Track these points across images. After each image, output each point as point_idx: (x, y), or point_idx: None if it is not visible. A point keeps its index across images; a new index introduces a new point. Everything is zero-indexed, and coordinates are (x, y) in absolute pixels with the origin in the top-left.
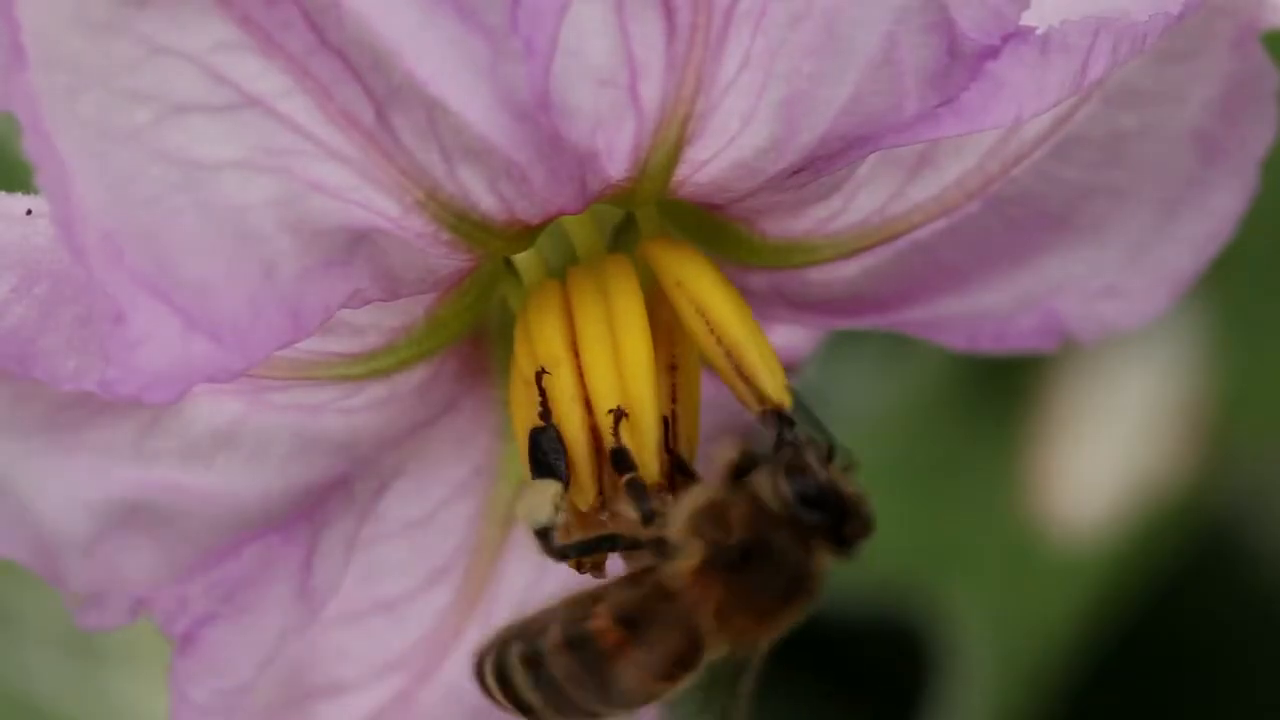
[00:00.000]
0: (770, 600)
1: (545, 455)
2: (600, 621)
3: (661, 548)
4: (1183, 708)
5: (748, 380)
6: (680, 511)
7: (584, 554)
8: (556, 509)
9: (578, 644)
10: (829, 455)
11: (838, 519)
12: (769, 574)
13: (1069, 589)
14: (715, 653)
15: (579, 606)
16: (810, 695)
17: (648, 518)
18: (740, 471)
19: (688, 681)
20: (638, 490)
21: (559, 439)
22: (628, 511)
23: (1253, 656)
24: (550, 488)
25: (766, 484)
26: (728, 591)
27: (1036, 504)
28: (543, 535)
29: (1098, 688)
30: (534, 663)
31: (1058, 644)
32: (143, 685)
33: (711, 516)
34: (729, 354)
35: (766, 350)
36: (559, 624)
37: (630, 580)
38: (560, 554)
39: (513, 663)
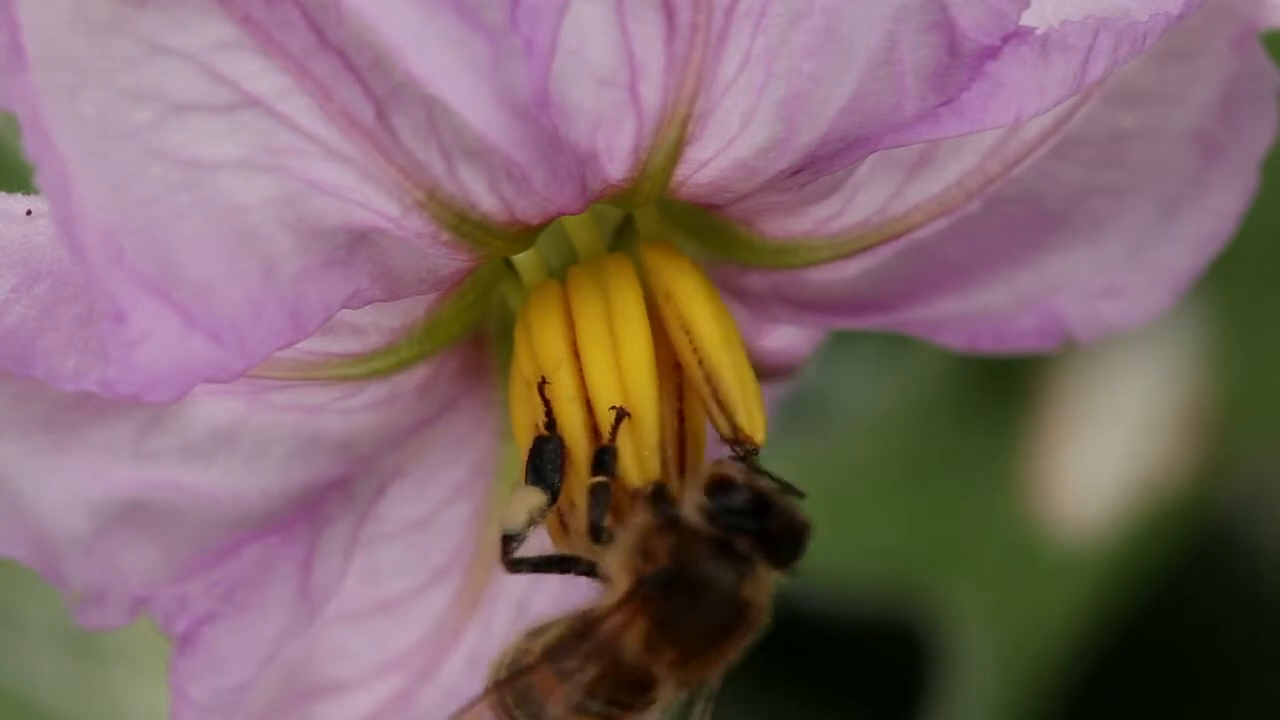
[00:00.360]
0: (704, 632)
1: (543, 463)
2: (531, 657)
3: (601, 575)
4: (1183, 708)
5: (722, 407)
6: (619, 543)
7: (536, 571)
8: (531, 521)
9: (516, 675)
10: (757, 471)
11: (766, 527)
12: (697, 603)
13: (1069, 589)
14: (664, 695)
15: (527, 640)
16: (810, 695)
17: (595, 533)
18: (660, 496)
19: None
20: (599, 498)
21: (561, 450)
22: (578, 521)
23: (1253, 656)
24: (535, 498)
25: (691, 504)
26: (654, 623)
27: (1036, 504)
28: (506, 542)
29: (1098, 687)
30: (499, 690)
31: (1058, 644)
32: (143, 685)
33: (639, 548)
34: (708, 378)
35: (747, 378)
36: (510, 655)
37: (577, 615)
38: (513, 566)
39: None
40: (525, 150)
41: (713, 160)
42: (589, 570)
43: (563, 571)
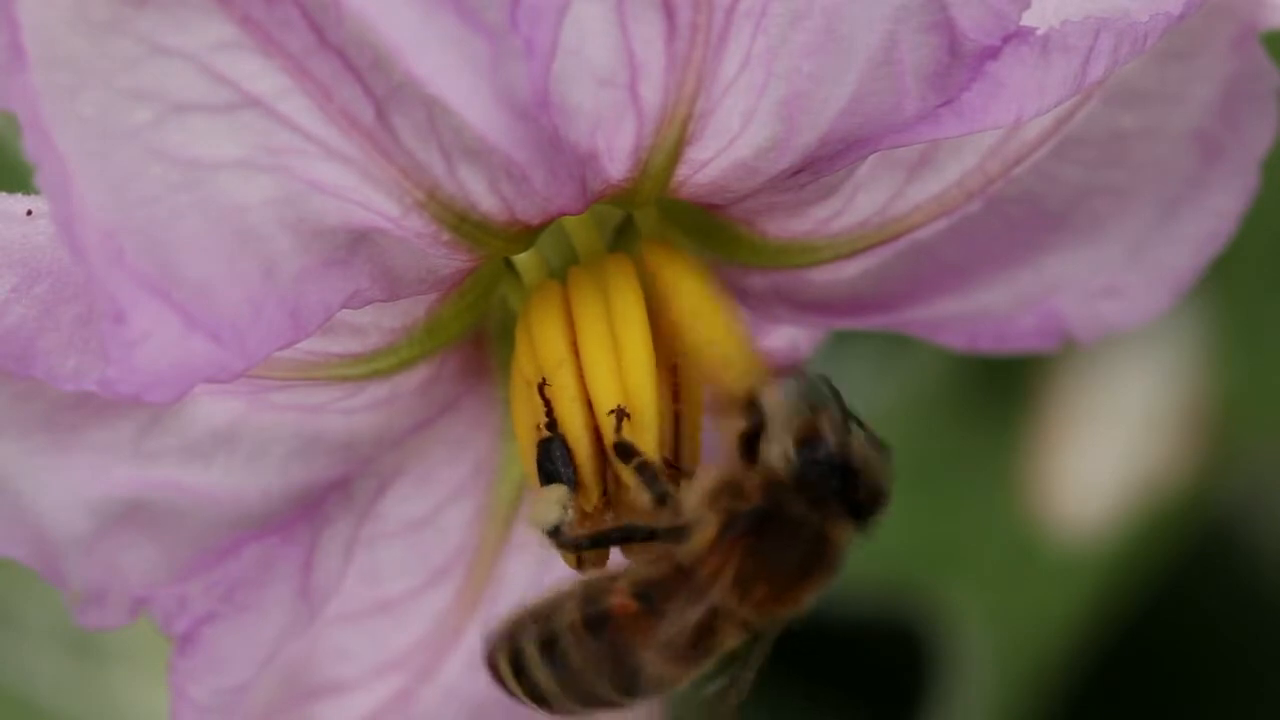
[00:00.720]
0: (789, 570)
1: (552, 463)
2: (619, 598)
3: (677, 532)
4: (1183, 707)
5: (724, 404)
6: (694, 491)
7: (598, 545)
8: (565, 509)
9: (596, 623)
10: (846, 425)
11: (849, 488)
12: (786, 542)
13: (1069, 589)
14: (732, 638)
15: (597, 586)
16: (810, 695)
17: (660, 499)
18: (750, 440)
19: (703, 668)
20: (648, 473)
21: (565, 447)
22: (640, 498)
23: (1253, 656)
24: (556, 491)
25: (777, 452)
26: (746, 559)
27: (1036, 503)
28: (554, 533)
29: (1098, 687)
30: (550, 646)
31: (1058, 644)
32: (143, 685)
33: (727, 489)
34: (709, 375)
35: (750, 371)
36: (576, 603)
37: (648, 562)
38: (574, 545)
39: (528, 648)
40: (525, 150)
41: (713, 160)
42: (649, 535)
43: (626, 540)
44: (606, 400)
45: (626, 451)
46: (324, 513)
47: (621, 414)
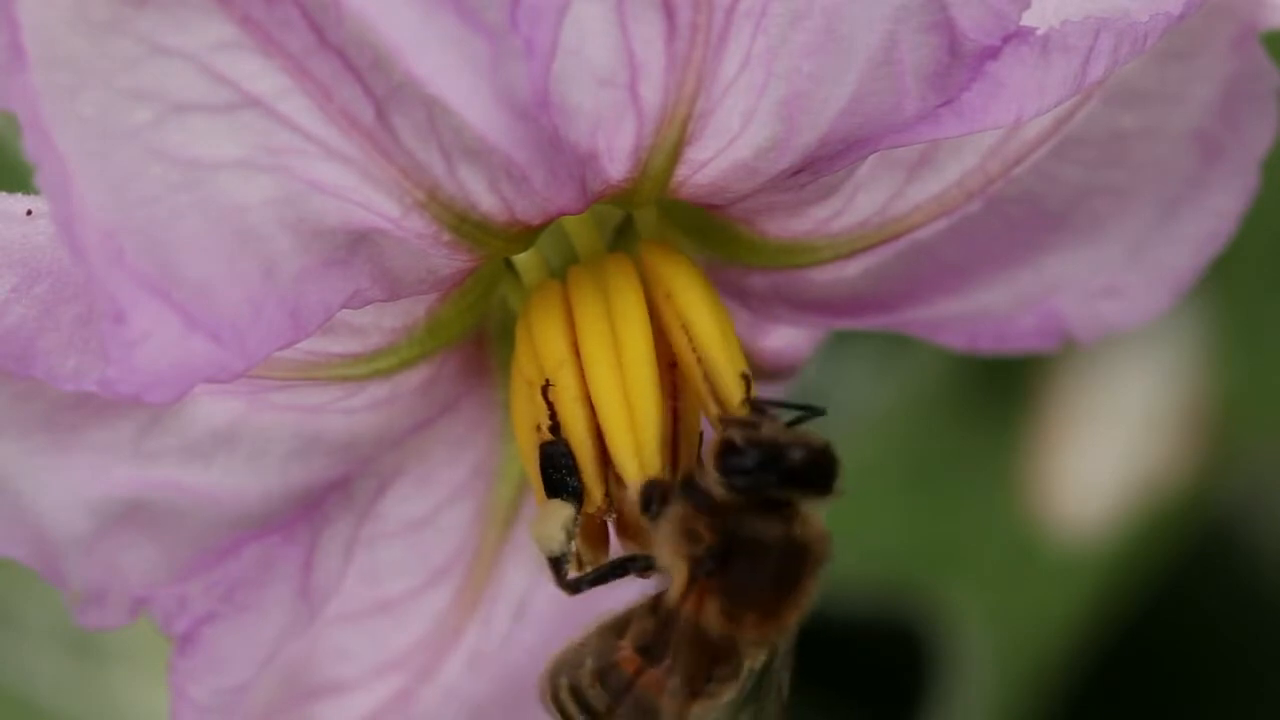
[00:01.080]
0: (772, 588)
1: (557, 472)
2: (624, 653)
3: (660, 567)
4: (1183, 707)
5: (719, 404)
6: (662, 536)
7: (597, 584)
8: (569, 535)
9: (607, 675)
10: (753, 420)
11: (786, 470)
12: (756, 565)
13: (1069, 588)
14: (749, 658)
15: (609, 637)
16: (810, 695)
17: (647, 506)
18: (691, 484)
19: (730, 692)
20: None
21: (569, 452)
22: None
23: (1253, 656)
24: (563, 511)
25: (711, 481)
26: (725, 595)
27: (1036, 503)
28: (555, 565)
29: (1098, 687)
30: (577, 693)
31: (1058, 644)
32: (143, 685)
33: (683, 533)
34: (707, 376)
35: (743, 375)
36: (592, 656)
37: (649, 607)
38: (573, 588)
39: (563, 695)
40: (525, 150)
41: (713, 160)
42: (648, 565)
43: (623, 575)
44: (607, 399)
45: (650, 503)
46: (324, 513)
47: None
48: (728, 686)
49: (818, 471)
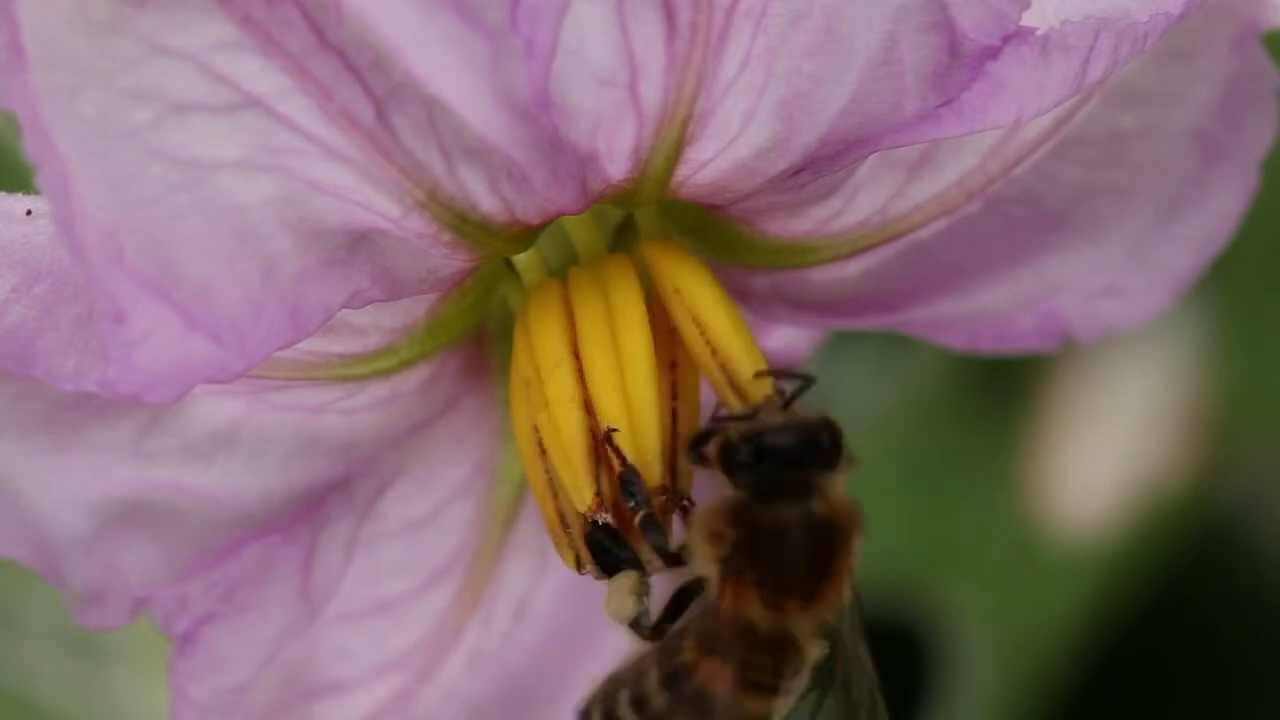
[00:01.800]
0: (808, 565)
1: (608, 551)
2: (689, 654)
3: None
4: (1183, 707)
5: (740, 394)
6: (691, 545)
7: (675, 620)
8: (640, 597)
9: (673, 678)
10: (744, 409)
11: (790, 451)
12: (785, 549)
13: (1069, 588)
14: (808, 648)
15: (671, 645)
16: None
17: (669, 560)
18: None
19: (796, 688)
20: (648, 528)
21: (612, 529)
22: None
23: (1253, 656)
24: (628, 581)
25: (722, 483)
26: (762, 588)
27: (1036, 503)
28: (635, 625)
29: (1098, 687)
30: (640, 704)
31: (1058, 644)
32: (143, 685)
33: (706, 536)
34: (723, 367)
35: (760, 363)
36: (656, 665)
37: (702, 615)
38: (655, 635)
39: (622, 710)
40: (525, 150)
41: (713, 160)
42: (700, 585)
43: (689, 600)
44: (607, 401)
45: (630, 493)
46: (324, 513)
47: (612, 432)
48: (797, 679)
49: (820, 448)
